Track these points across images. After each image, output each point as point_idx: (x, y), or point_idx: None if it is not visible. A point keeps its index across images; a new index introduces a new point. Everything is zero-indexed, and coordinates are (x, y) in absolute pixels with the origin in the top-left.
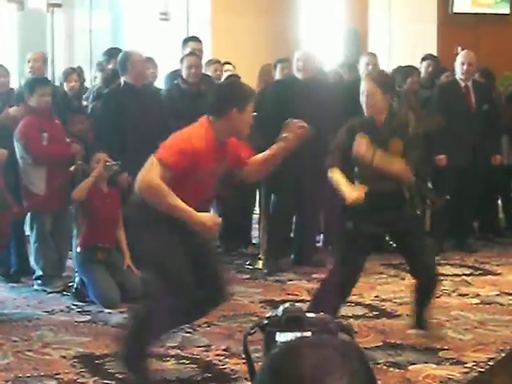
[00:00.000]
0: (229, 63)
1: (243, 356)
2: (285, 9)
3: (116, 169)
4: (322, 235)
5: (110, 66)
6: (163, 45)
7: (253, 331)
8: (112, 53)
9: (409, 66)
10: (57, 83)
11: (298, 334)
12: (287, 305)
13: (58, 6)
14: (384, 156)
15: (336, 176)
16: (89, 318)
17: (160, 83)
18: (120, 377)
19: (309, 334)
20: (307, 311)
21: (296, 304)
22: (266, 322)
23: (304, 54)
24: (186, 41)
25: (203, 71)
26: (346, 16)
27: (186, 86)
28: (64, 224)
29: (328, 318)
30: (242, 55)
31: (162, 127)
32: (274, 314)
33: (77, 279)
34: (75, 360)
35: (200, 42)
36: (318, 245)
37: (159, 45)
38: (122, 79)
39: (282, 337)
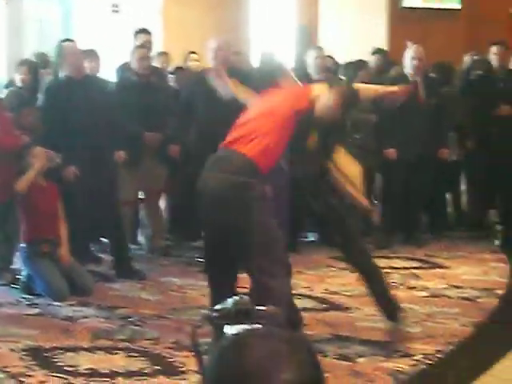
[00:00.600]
0: (194, 53)
1: (192, 349)
2: (236, 3)
3: (58, 161)
4: None
5: None
6: (114, 36)
7: (202, 324)
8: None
9: (359, 60)
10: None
11: (248, 327)
12: (237, 297)
13: None
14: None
15: None
16: (38, 310)
17: (106, 75)
18: (69, 369)
19: (258, 326)
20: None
21: (245, 297)
22: (215, 314)
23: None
24: (137, 33)
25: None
26: (296, 12)
27: (136, 77)
28: (13, 216)
29: (277, 311)
30: (193, 47)
31: (108, 118)
32: (223, 307)
33: (24, 273)
34: (24, 353)
35: (150, 33)
36: None
37: (110, 36)
38: (61, 72)
39: (231, 329)
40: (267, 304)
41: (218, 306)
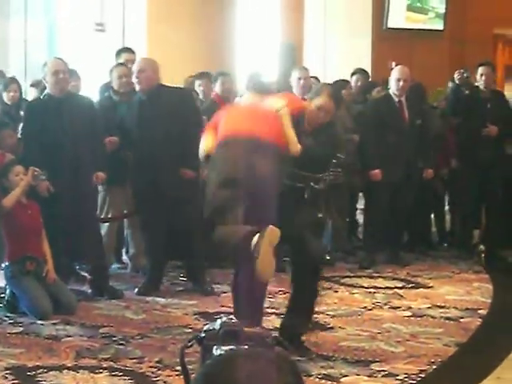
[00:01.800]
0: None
1: (177, 368)
2: (220, 21)
3: (43, 178)
4: None
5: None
6: (99, 56)
7: (190, 344)
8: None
9: (341, 80)
10: None
11: (234, 347)
12: (224, 319)
13: None
14: None
15: None
16: (21, 329)
17: (89, 94)
18: None
19: (244, 346)
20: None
21: (232, 317)
22: (203, 335)
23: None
24: (120, 52)
25: None
26: (281, 30)
27: (117, 96)
28: None
29: (265, 333)
30: (178, 66)
31: (89, 136)
32: (211, 328)
33: (7, 291)
34: (7, 372)
35: (133, 52)
36: None
37: (95, 56)
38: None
39: (219, 351)
40: None
41: (205, 327)
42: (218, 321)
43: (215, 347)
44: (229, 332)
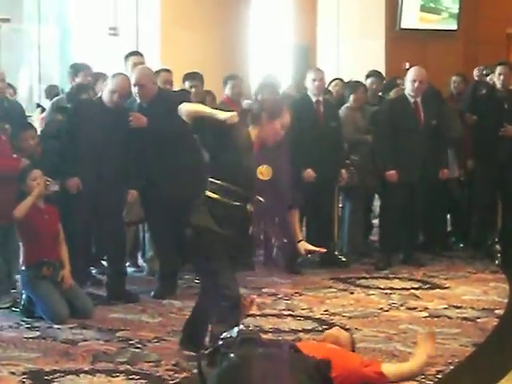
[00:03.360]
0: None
1: (193, 371)
2: (233, 23)
3: (56, 189)
4: None
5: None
6: (112, 60)
7: (208, 352)
8: (78, 67)
9: (355, 82)
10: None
11: (249, 350)
12: (242, 326)
13: (7, 20)
14: None
15: None
16: (38, 333)
17: None
18: None
19: (258, 349)
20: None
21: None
22: (220, 343)
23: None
24: (128, 55)
25: None
26: (294, 32)
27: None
28: (12, 239)
29: (282, 341)
30: (191, 69)
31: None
32: (228, 336)
33: (24, 296)
34: (24, 376)
35: (142, 55)
36: None
37: (109, 60)
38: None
39: (234, 355)
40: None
41: (223, 335)
42: (235, 328)
43: (232, 355)
44: (246, 340)
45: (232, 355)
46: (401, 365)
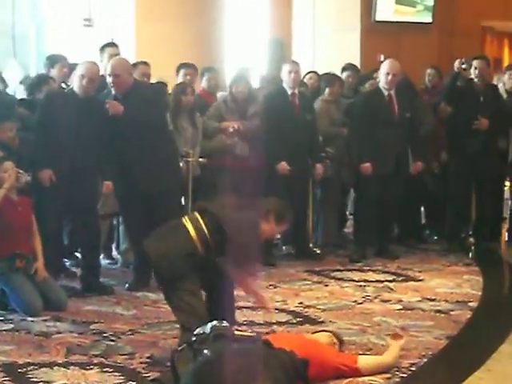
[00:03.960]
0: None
1: (167, 364)
2: (209, 16)
3: (27, 180)
4: None
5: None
6: (87, 51)
7: (181, 348)
8: (54, 59)
9: (332, 75)
10: None
11: (224, 346)
12: (215, 322)
13: None
14: None
15: None
16: (11, 326)
17: None
18: None
19: (234, 345)
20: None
21: (224, 322)
22: (194, 339)
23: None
24: (104, 47)
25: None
26: (270, 25)
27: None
28: None
29: (256, 336)
30: (166, 61)
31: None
32: (201, 332)
33: None
34: None
35: (117, 47)
36: None
37: (83, 51)
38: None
39: (208, 351)
40: None
41: (196, 331)
42: (209, 324)
43: (206, 350)
44: (219, 335)
45: (206, 351)
46: (376, 358)
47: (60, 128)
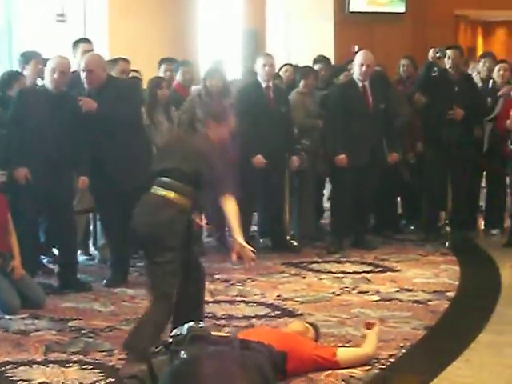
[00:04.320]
0: None
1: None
2: (182, 10)
3: (3, 179)
4: None
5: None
6: (60, 46)
7: (157, 350)
8: (29, 55)
9: (306, 67)
10: None
11: (201, 348)
12: (191, 324)
13: None
14: None
15: None
16: None
17: None
18: None
19: (210, 348)
20: None
21: (201, 323)
22: (170, 340)
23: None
24: (77, 42)
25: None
26: (243, 16)
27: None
28: None
29: (232, 337)
30: (140, 56)
31: (76, 133)
32: (178, 333)
33: None
34: None
35: (90, 42)
36: None
37: (56, 46)
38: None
39: (185, 353)
40: None
41: (173, 332)
42: (185, 326)
43: (182, 352)
44: (195, 337)
45: (183, 353)
46: (355, 350)
47: (33, 125)
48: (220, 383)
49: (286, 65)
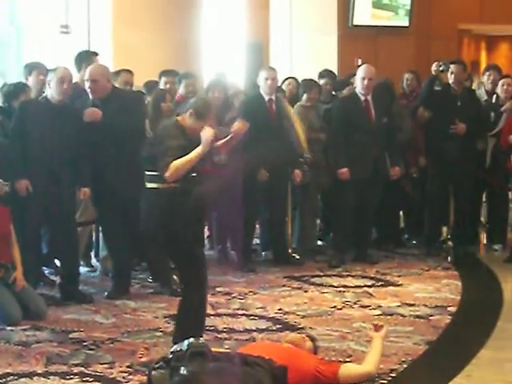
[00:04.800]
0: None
1: (147, 372)
2: (186, 23)
3: (6, 190)
4: None
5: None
6: (64, 58)
7: (157, 366)
8: (32, 66)
9: (310, 81)
10: None
11: (201, 364)
12: (192, 339)
13: None
14: None
15: None
16: None
17: None
18: None
19: (210, 363)
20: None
21: (201, 339)
22: (170, 356)
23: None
24: (89, 55)
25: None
26: (247, 29)
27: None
28: None
29: (233, 353)
30: (144, 69)
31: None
32: (178, 349)
33: None
34: None
35: (97, 55)
36: None
37: (60, 58)
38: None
39: (185, 369)
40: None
41: (173, 348)
42: (186, 341)
43: (182, 368)
44: (196, 353)
45: (183, 370)
46: (358, 368)
47: (35, 137)
48: None
49: (288, 78)
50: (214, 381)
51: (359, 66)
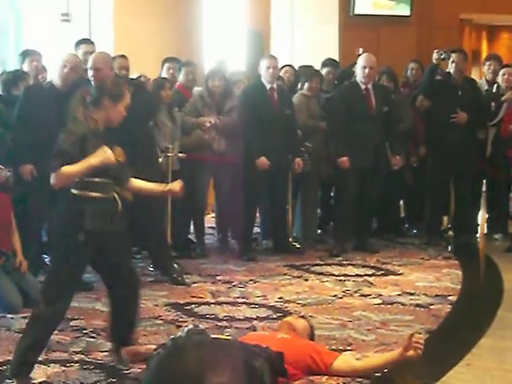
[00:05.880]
0: None
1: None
2: (187, 10)
3: (8, 175)
4: None
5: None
6: (65, 46)
7: (156, 352)
8: (26, 54)
9: (312, 69)
10: None
11: (184, 336)
12: (190, 326)
13: None
14: None
15: None
16: None
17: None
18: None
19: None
20: None
21: (200, 325)
22: (170, 343)
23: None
24: (79, 43)
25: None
26: (248, 18)
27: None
28: None
29: (232, 339)
30: (145, 57)
31: None
32: (177, 336)
33: None
34: None
35: (92, 43)
36: None
37: (60, 46)
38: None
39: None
40: None
41: (172, 336)
42: (185, 328)
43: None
44: (194, 333)
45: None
46: (355, 364)
47: (40, 122)
48: (204, 370)
49: (285, 66)
50: (198, 352)
51: (360, 55)
